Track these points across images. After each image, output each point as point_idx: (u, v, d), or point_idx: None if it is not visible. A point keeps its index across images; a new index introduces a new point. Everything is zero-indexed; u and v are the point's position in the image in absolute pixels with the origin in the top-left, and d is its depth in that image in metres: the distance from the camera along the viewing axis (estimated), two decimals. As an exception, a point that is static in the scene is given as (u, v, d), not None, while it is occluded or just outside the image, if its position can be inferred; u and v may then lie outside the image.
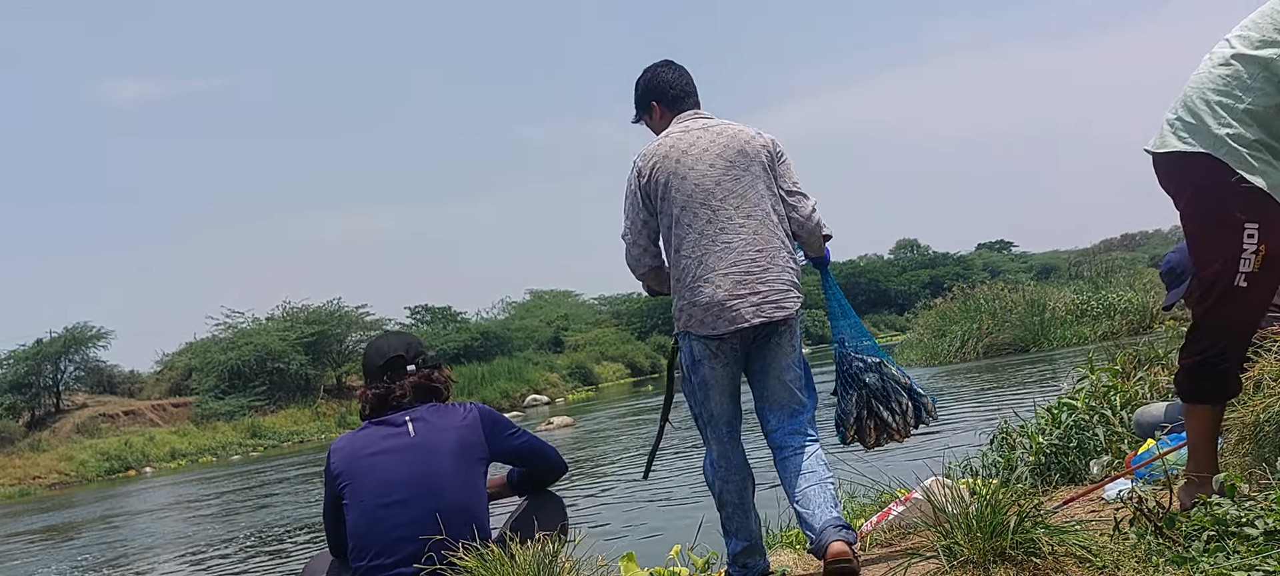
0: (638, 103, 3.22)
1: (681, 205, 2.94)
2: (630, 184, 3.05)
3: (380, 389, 2.81)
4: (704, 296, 2.90)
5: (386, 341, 2.92)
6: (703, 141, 2.99)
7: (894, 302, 66.31)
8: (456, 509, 2.66)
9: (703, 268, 2.91)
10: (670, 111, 3.12)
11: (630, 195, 3.05)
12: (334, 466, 2.75)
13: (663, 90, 3.13)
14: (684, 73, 3.17)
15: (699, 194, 2.93)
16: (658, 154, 3.00)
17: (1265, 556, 2.24)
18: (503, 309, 48.02)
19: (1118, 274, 24.97)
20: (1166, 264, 4.10)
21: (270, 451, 28.00)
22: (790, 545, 4.06)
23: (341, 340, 37.27)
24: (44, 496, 22.68)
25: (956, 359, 19.54)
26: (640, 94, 3.20)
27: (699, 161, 2.96)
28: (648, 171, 2.99)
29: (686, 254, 2.93)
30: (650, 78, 3.16)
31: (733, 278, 2.89)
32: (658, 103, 3.15)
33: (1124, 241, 75.72)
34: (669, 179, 2.96)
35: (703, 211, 2.93)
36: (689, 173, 2.95)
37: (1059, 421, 4.68)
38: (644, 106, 3.20)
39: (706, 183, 2.94)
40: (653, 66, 3.17)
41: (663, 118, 3.14)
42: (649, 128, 3.23)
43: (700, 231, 2.92)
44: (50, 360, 31.33)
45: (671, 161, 2.97)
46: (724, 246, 2.90)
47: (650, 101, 3.17)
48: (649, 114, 3.20)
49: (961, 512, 2.67)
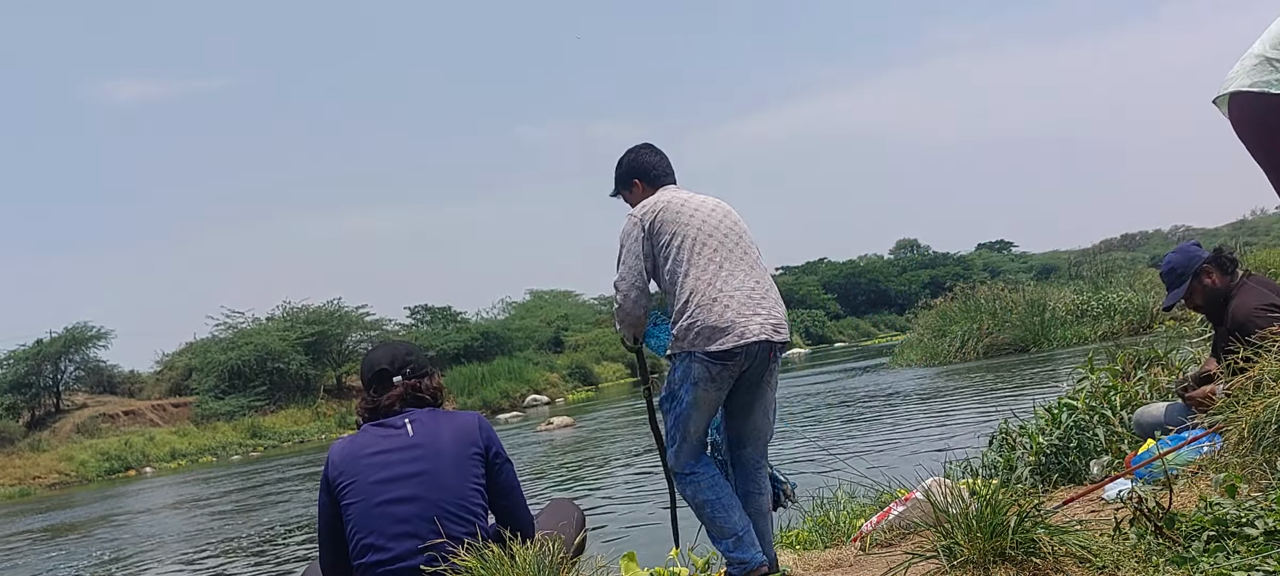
0: (619, 179, 3.43)
1: (686, 241, 3.12)
2: (631, 232, 3.21)
3: (370, 403, 2.85)
4: (713, 315, 3.04)
5: (376, 354, 2.94)
6: (696, 200, 3.23)
7: (894, 303, 66.38)
8: (456, 505, 2.67)
9: (713, 289, 3.07)
10: (651, 188, 3.33)
11: (632, 241, 3.20)
12: (333, 467, 2.75)
13: (645, 171, 3.36)
14: (664, 156, 3.41)
15: (702, 234, 3.14)
16: (659, 204, 3.20)
17: (1265, 556, 2.24)
18: (503, 309, 48.05)
19: (1118, 274, 24.95)
20: (1167, 264, 4.10)
21: (270, 451, 28.01)
22: (790, 545, 4.06)
23: (341, 340, 37.27)
24: (44, 496, 22.68)
25: (956, 359, 19.53)
26: (623, 171, 3.41)
27: (699, 210, 3.19)
28: (652, 216, 3.18)
29: (694, 278, 3.09)
30: (634, 159, 3.39)
31: (740, 298, 3.07)
32: (640, 180, 3.37)
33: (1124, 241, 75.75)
34: (674, 220, 3.15)
35: (709, 244, 3.13)
36: (691, 217, 3.16)
37: (1059, 421, 4.68)
38: (626, 183, 3.41)
39: (708, 225, 3.17)
40: (635, 149, 3.41)
41: (644, 193, 3.34)
42: (627, 202, 3.42)
43: (707, 260, 3.10)
44: (50, 360, 31.33)
45: (674, 209, 3.17)
46: (729, 274, 3.10)
47: (633, 179, 3.39)
48: (630, 190, 3.40)
49: (961, 512, 2.67)
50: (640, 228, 3.17)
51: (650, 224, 3.16)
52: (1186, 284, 4.00)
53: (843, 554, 3.70)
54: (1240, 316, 3.76)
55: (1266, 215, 65.45)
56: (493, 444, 2.83)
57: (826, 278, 69.00)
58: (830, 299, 64.91)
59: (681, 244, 3.12)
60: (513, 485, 2.87)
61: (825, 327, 60.26)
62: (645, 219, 3.17)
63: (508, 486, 2.85)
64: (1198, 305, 4.07)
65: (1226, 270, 3.96)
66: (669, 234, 3.13)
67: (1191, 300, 4.04)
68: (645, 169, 3.36)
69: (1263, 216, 66.00)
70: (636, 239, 3.18)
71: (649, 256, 3.18)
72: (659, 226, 3.15)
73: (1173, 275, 4.04)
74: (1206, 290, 3.97)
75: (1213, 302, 3.98)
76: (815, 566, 3.55)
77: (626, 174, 3.40)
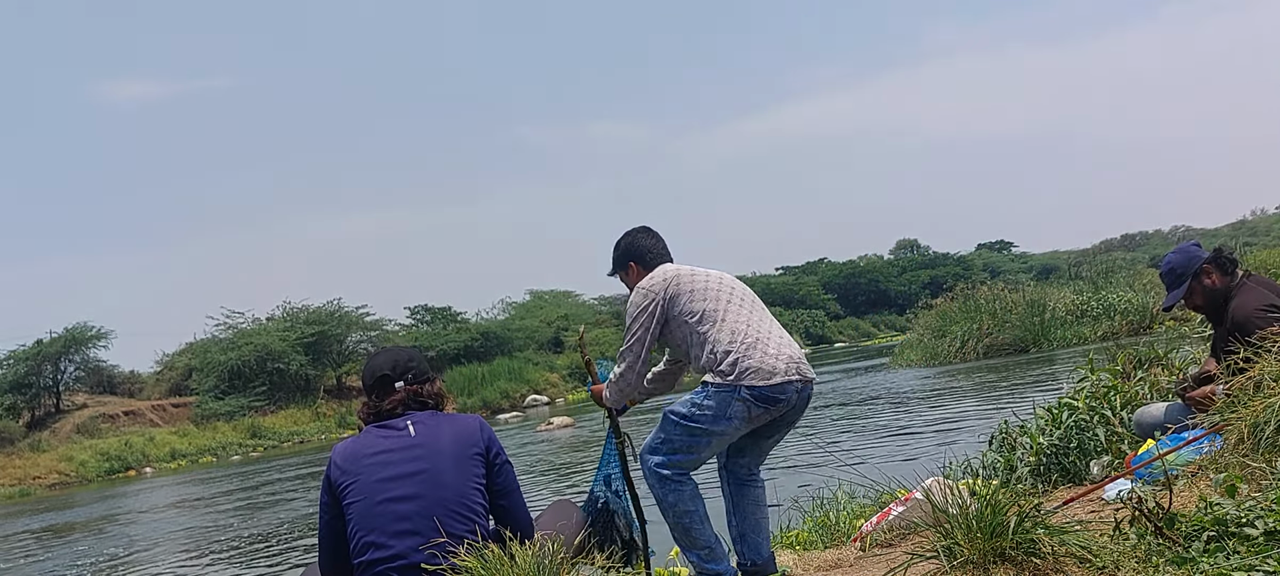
0: (616, 261, 3.52)
1: (712, 294, 3.23)
2: (644, 305, 3.25)
3: (372, 407, 2.86)
4: (756, 356, 3.12)
5: (377, 359, 2.94)
6: (701, 270, 3.33)
7: (894, 303, 66.36)
8: (457, 504, 2.68)
9: (752, 332, 3.17)
10: (645, 271, 3.41)
11: (645, 315, 3.25)
12: (336, 467, 2.76)
13: (641, 254, 3.45)
14: (660, 238, 3.51)
15: (725, 290, 3.26)
16: (669, 272, 3.29)
17: (1265, 556, 2.24)
18: (503, 309, 48.02)
19: (1118, 274, 24.91)
20: (1167, 265, 4.10)
21: (270, 452, 28.01)
22: (790, 546, 4.06)
23: (341, 340, 37.27)
24: (44, 496, 22.68)
25: (957, 359, 19.54)
26: (620, 254, 3.50)
27: (712, 275, 3.31)
28: (670, 285, 3.25)
29: (732, 322, 3.17)
30: (630, 242, 3.48)
31: (775, 341, 3.20)
32: (635, 263, 3.46)
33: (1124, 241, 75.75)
34: (691, 280, 3.26)
35: (734, 297, 3.26)
36: (708, 279, 3.28)
37: (1059, 422, 4.68)
38: (622, 265, 3.50)
39: (727, 285, 3.29)
40: (632, 232, 3.50)
41: (638, 276, 3.42)
42: (622, 282, 3.52)
43: (737, 309, 3.22)
44: (50, 360, 31.32)
45: (687, 274, 3.28)
46: (760, 320, 3.24)
47: (629, 262, 3.47)
48: (625, 271, 3.49)
49: (961, 513, 2.67)
50: (657, 298, 3.24)
51: (668, 291, 3.24)
52: (1186, 284, 4.00)
53: (843, 554, 3.70)
54: (1240, 317, 3.76)
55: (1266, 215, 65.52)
56: (493, 445, 2.84)
57: (826, 278, 68.99)
58: (830, 299, 64.89)
59: (707, 297, 3.22)
60: (513, 486, 2.88)
61: (825, 328, 60.25)
62: (664, 289, 3.25)
63: (508, 487, 2.86)
64: (1197, 305, 4.06)
65: (1226, 270, 3.95)
66: (689, 293, 3.23)
67: (1191, 300, 4.04)
68: (641, 252, 3.45)
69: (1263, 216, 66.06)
70: (651, 312, 3.24)
71: (661, 323, 3.25)
72: (677, 290, 3.24)
73: (1172, 275, 4.04)
74: (1206, 290, 3.96)
75: (1212, 303, 3.98)
76: (815, 566, 3.55)
77: (623, 256, 3.49)
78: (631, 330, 3.27)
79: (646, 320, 3.24)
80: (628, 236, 3.50)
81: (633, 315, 3.27)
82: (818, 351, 48.37)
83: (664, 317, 3.25)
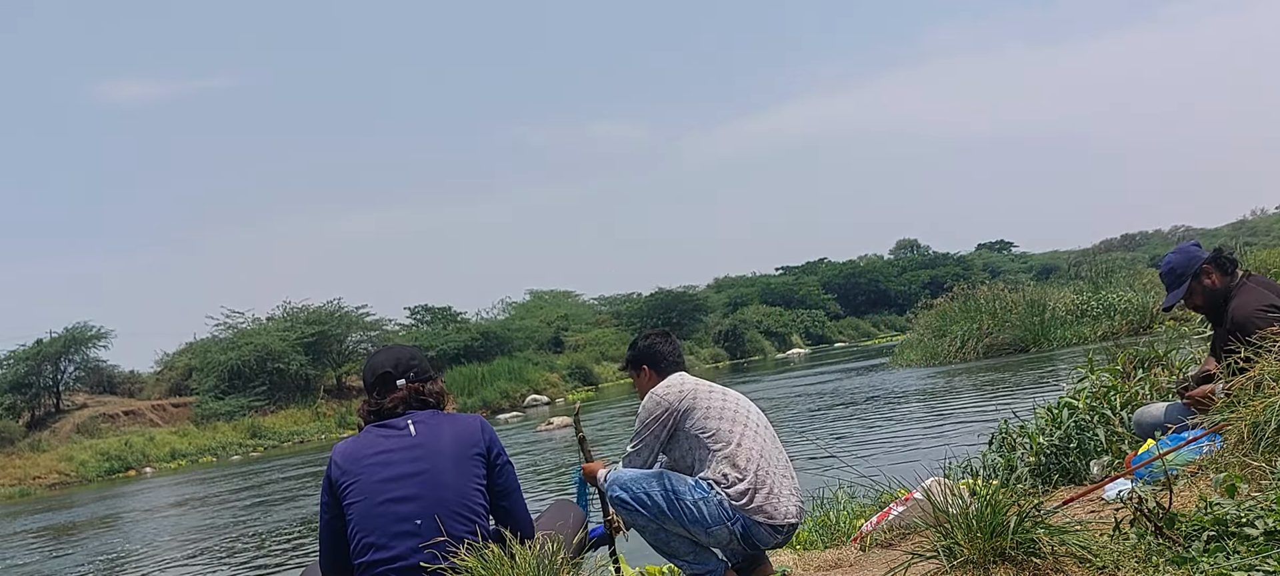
0: (632, 360, 3.59)
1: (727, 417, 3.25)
2: (657, 414, 3.29)
3: (373, 405, 2.85)
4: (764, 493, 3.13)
5: (379, 357, 2.94)
6: (719, 387, 3.38)
7: (894, 303, 66.34)
8: (458, 505, 2.68)
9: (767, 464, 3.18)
10: (659, 376, 3.46)
11: (657, 425, 3.29)
12: (336, 467, 2.75)
13: (656, 359, 3.51)
14: (677, 346, 3.59)
15: (741, 416, 3.27)
16: (686, 386, 3.34)
17: (1265, 556, 2.24)
18: (503, 309, 48.07)
19: (1118, 274, 24.93)
20: (1167, 265, 4.10)
21: (270, 451, 28.01)
22: (790, 546, 4.06)
23: (341, 340, 37.27)
24: (44, 496, 22.68)
25: (957, 359, 19.53)
26: (635, 355, 3.57)
27: (726, 394, 3.34)
28: (686, 398, 3.29)
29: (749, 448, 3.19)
30: (649, 346, 3.55)
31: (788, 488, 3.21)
32: (649, 366, 3.51)
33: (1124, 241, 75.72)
34: (708, 396, 3.29)
35: (751, 424, 3.26)
36: (725, 399, 3.31)
37: (1059, 422, 4.68)
38: (636, 366, 3.56)
39: (742, 408, 3.31)
40: (650, 336, 3.60)
41: (650, 379, 3.48)
42: (633, 380, 3.59)
43: (754, 435, 3.23)
44: (50, 360, 31.32)
45: (704, 392, 3.32)
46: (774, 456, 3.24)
47: (643, 365, 3.53)
48: (638, 372, 3.55)
49: (961, 512, 2.67)
50: (671, 408, 3.28)
51: (683, 403, 3.27)
52: (1186, 284, 3.99)
53: (843, 554, 3.70)
54: (1240, 317, 3.76)
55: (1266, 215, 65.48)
56: (494, 446, 2.84)
57: (826, 278, 69.00)
58: (830, 299, 64.90)
59: (724, 417, 3.24)
60: (514, 487, 2.88)
61: (825, 328, 60.26)
62: (680, 401, 3.28)
63: (508, 488, 2.86)
64: (1197, 305, 4.06)
65: (1226, 270, 3.95)
66: (705, 409, 3.25)
67: (1191, 300, 4.04)
68: (657, 357, 3.50)
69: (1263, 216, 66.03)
70: (662, 421, 3.28)
71: (670, 434, 3.29)
72: (693, 404, 3.26)
73: (1172, 275, 4.04)
74: (1206, 290, 3.96)
75: (1212, 303, 3.97)
76: (815, 566, 3.55)
77: (639, 358, 3.54)
78: (641, 435, 3.31)
79: (657, 428, 3.28)
80: (646, 339, 3.58)
81: (644, 420, 3.30)
82: (818, 351, 48.36)
83: (674, 429, 3.28)
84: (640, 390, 3.50)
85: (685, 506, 3.08)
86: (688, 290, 52.62)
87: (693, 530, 3.10)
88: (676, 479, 3.15)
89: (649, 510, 3.13)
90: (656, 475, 3.18)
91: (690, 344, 46.69)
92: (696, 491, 3.10)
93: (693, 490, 3.11)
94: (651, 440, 3.28)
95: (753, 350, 50.83)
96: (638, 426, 3.31)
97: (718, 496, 3.09)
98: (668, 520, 3.11)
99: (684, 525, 3.10)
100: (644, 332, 3.65)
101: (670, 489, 3.11)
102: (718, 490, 3.11)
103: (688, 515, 3.08)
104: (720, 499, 3.09)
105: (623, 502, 3.17)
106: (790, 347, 52.07)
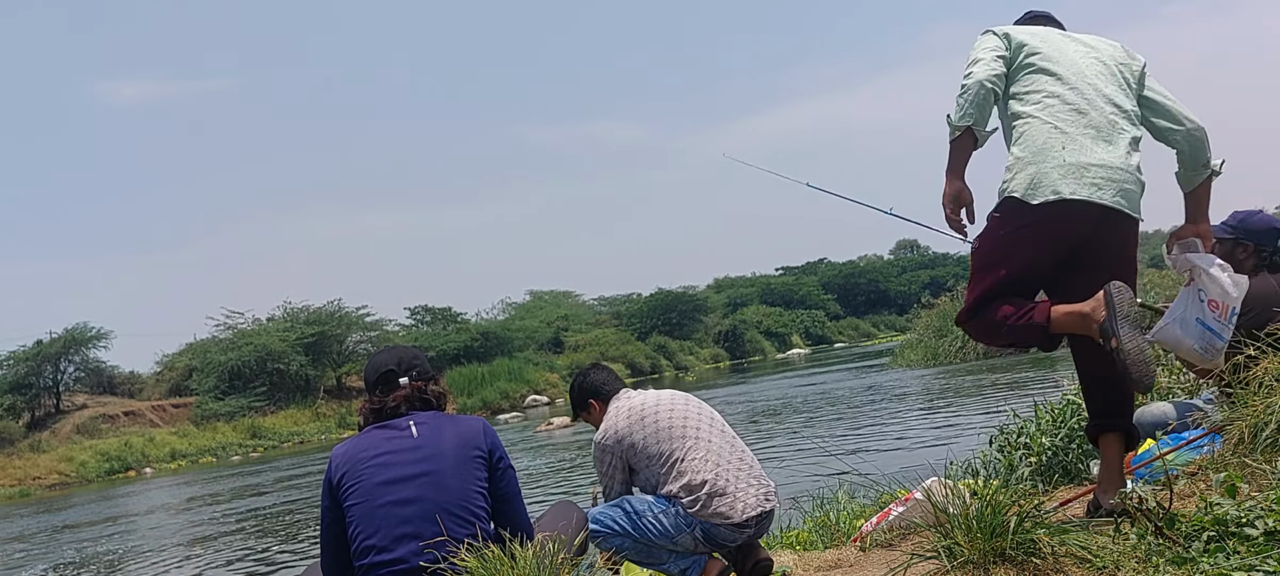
0: (576, 404, 3.65)
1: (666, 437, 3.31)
2: (605, 458, 3.39)
3: (375, 404, 2.85)
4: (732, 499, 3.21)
5: (381, 356, 2.94)
6: (650, 399, 3.43)
7: (894, 303, 66.38)
8: (459, 507, 2.67)
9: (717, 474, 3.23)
10: (604, 404, 3.54)
11: (609, 465, 3.39)
12: (336, 469, 2.75)
13: (597, 390, 3.57)
14: (609, 371, 3.67)
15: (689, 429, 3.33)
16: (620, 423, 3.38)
17: (1265, 556, 2.24)
18: (503, 309, 48.07)
19: (1118, 274, 24.85)
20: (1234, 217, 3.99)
21: (270, 452, 28.01)
22: (790, 546, 4.06)
23: (342, 341, 37.26)
24: (44, 497, 22.68)
25: (957, 359, 19.53)
26: (577, 397, 3.63)
27: (660, 407, 3.38)
28: (623, 438, 3.35)
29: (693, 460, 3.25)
30: (582, 381, 3.62)
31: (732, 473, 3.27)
32: (595, 400, 3.57)
33: (1124, 241, 75.50)
34: (644, 431, 3.33)
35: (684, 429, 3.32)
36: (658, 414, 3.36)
37: (1062, 421, 4.68)
38: (583, 405, 3.62)
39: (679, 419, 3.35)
40: (582, 372, 3.66)
41: (600, 410, 3.54)
42: (587, 421, 3.63)
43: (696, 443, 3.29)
44: (50, 361, 31.31)
45: (637, 420, 3.36)
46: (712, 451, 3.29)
47: (588, 400, 3.59)
48: (588, 411, 3.60)
49: (961, 513, 2.67)
50: (613, 453, 3.38)
51: (622, 443, 3.36)
52: (1230, 238, 3.91)
53: (843, 554, 3.70)
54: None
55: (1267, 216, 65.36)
56: (496, 448, 2.83)
57: (826, 278, 69.01)
58: (830, 299, 64.91)
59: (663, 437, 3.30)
60: (514, 492, 2.88)
61: (825, 328, 60.27)
62: (618, 443, 3.36)
63: (509, 492, 2.85)
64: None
65: (1262, 262, 3.88)
66: (643, 439, 3.32)
67: (1216, 249, 3.99)
68: (596, 387, 3.58)
69: (1262, 216, 65.85)
70: (613, 465, 3.39)
71: (627, 469, 3.39)
72: (632, 440, 3.34)
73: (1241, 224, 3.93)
74: (1232, 257, 3.84)
75: None
76: (815, 566, 3.55)
77: (581, 397, 3.61)
78: (602, 478, 3.44)
79: (611, 469, 3.41)
80: (579, 377, 3.66)
81: (598, 466, 3.43)
82: (818, 352, 48.36)
83: (626, 466, 3.39)
84: (596, 425, 3.56)
85: (647, 523, 3.25)
86: (688, 290, 52.64)
87: (662, 542, 3.25)
88: (637, 500, 3.31)
89: (620, 533, 3.27)
90: (619, 502, 3.33)
91: (690, 344, 46.72)
92: (655, 507, 3.27)
93: (652, 507, 3.27)
94: (610, 479, 3.41)
95: (753, 350, 50.84)
96: (599, 472, 3.44)
97: (675, 509, 3.23)
98: (636, 538, 3.26)
99: (651, 539, 3.25)
100: (575, 375, 3.74)
101: (632, 510, 3.28)
102: (674, 504, 3.24)
103: (653, 530, 3.24)
104: (677, 510, 3.23)
105: (597, 534, 3.31)
106: (790, 348, 52.11)
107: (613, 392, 3.56)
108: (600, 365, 3.76)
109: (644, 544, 3.26)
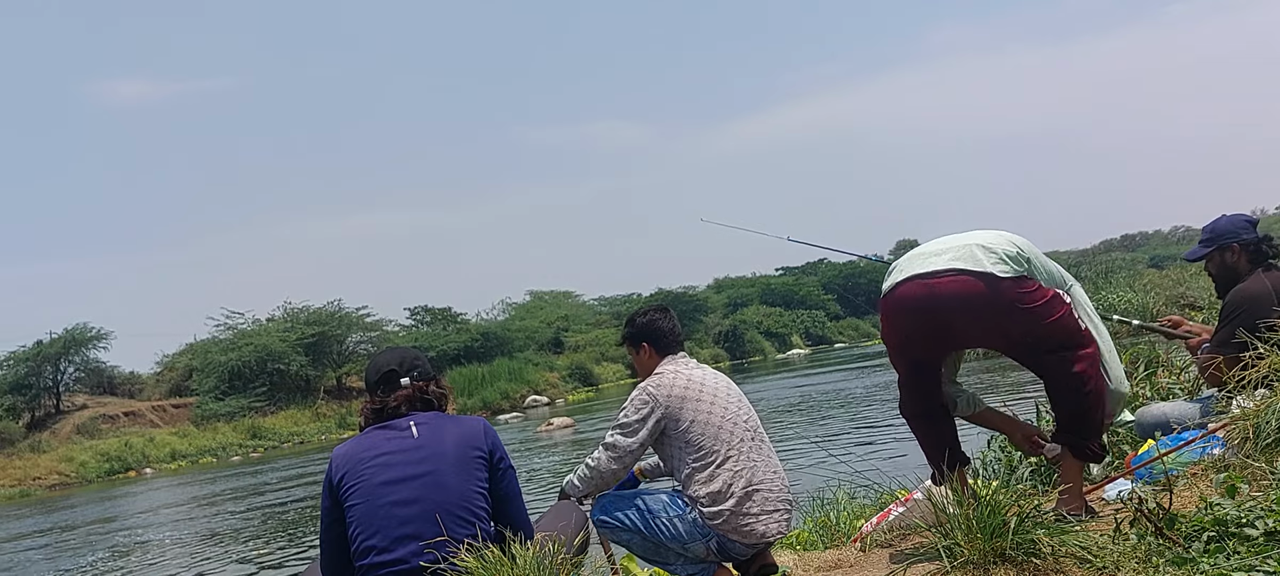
0: (630, 337, 3.47)
1: (712, 435, 3.17)
2: (648, 408, 3.20)
3: (376, 404, 2.85)
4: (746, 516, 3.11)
5: (382, 356, 2.95)
6: (710, 381, 3.29)
7: (894, 303, 66.19)
8: (460, 507, 2.67)
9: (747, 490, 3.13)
10: (659, 355, 3.38)
11: (647, 418, 3.19)
12: (337, 469, 2.75)
13: (657, 337, 3.40)
14: (676, 323, 3.48)
15: (727, 424, 3.20)
16: (679, 386, 3.23)
17: (1265, 556, 2.24)
18: (502, 310, 48.04)
19: (1118, 274, 24.92)
20: (1211, 226, 4.01)
21: (270, 452, 28.01)
22: (790, 546, 4.06)
23: (342, 341, 37.25)
24: (44, 497, 22.68)
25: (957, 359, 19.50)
26: (636, 331, 3.45)
27: (717, 396, 3.25)
28: (675, 402, 3.19)
29: (733, 466, 3.14)
30: (648, 322, 3.44)
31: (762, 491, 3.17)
32: (650, 344, 3.41)
33: (1124, 242, 75.72)
34: (695, 413, 3.19)
35: (732, 431, 3.20)
36: (713, 403, 3.22)
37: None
38: (635, 343, 3.45)
39: (731, 412, 3.23)
40: (650, 312, 3.47)
41: (650, 358, 3.39)
42: (633, 358, 3.48)
43: (739, 450, 3.18)
44: (50, 361, 31.31)
45: (693, 396, 3.22)
46: (746, 463, 3.17)
47: (643, 342, 3.42)
48: (638, 350, 3.44)
49: (961, 513, 2.67)
50: (660, 408, 3.19)
51: (671, 408, 3.19)
52: (1212, 249, 3.97)
53: (843, 554, 3.70)
54: (1234, 298, 3.78)
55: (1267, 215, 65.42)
56: (497, 449, 2.83)
57: (826, 278, 68.93)
58: (830, 299, 64.85)
59: (709, 432, 3.17)
60: (514, 492, 2.87)
61: (825, 328, 60.24)
62: (668, 404, 3.20)
63: (509, 493, 2.85)
64: (1212, 274, 4.07)
65: (1255, 258, 3.91)
66: (691, 420, 3.17)
67: (1208, 266, 4.04)
68: (657, 335, 3.40)
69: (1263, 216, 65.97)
70: (653, 419, 3.19)
71: (659, 432, 3.21)
72: (680, 412, 3.18)
73: (1210, 234, 4.01)
74: (1223, 264, 3.94)
75: (1223, 278, 3.97)
76: (815, 567, 3.55)
77: (638, 334, 3.43)
78: (627, 426, 3.20)
79: (647, 424, 3.20)
80: (645, 316, 3.47)
81: (632, 413, 3.21)
82: (818, 352, 48.36)
83: (661, 429, 3.20)
84: (639, 368, 3.42)
85: (660, 525, 3.13)
86: (688, 290, 52.65)
87: (671, 545, 3.14)
88: (651, 498, 3.18)
89: (630, 530, 3.17)
90: (633, 495, 3.21)
91: (691, 344, 46.67)
92: (671, 509, 3.13)
93: (668, 508, 3.13)
94: (637, 428, 3.19)
95: (753, 350, 50.84)
96: (629, 415, 3.21)
97: (693, 514, 3.10)
98: (646, 537, 3.16)
99: (661, 541, 3.14)
100: (642, 309, 3.52)
101: (646, 509, 3.15)
102: (694, 508, 3.11)
103: (664, 533, 3.13)
104: (695, 517, 3.10)
105: (604, 524, 3.23)
106: (790, 348, 52.10)
107: (670, 350, 3.38)
108: (671, 313, 3.50)
109: (653, 543, 3.16)
